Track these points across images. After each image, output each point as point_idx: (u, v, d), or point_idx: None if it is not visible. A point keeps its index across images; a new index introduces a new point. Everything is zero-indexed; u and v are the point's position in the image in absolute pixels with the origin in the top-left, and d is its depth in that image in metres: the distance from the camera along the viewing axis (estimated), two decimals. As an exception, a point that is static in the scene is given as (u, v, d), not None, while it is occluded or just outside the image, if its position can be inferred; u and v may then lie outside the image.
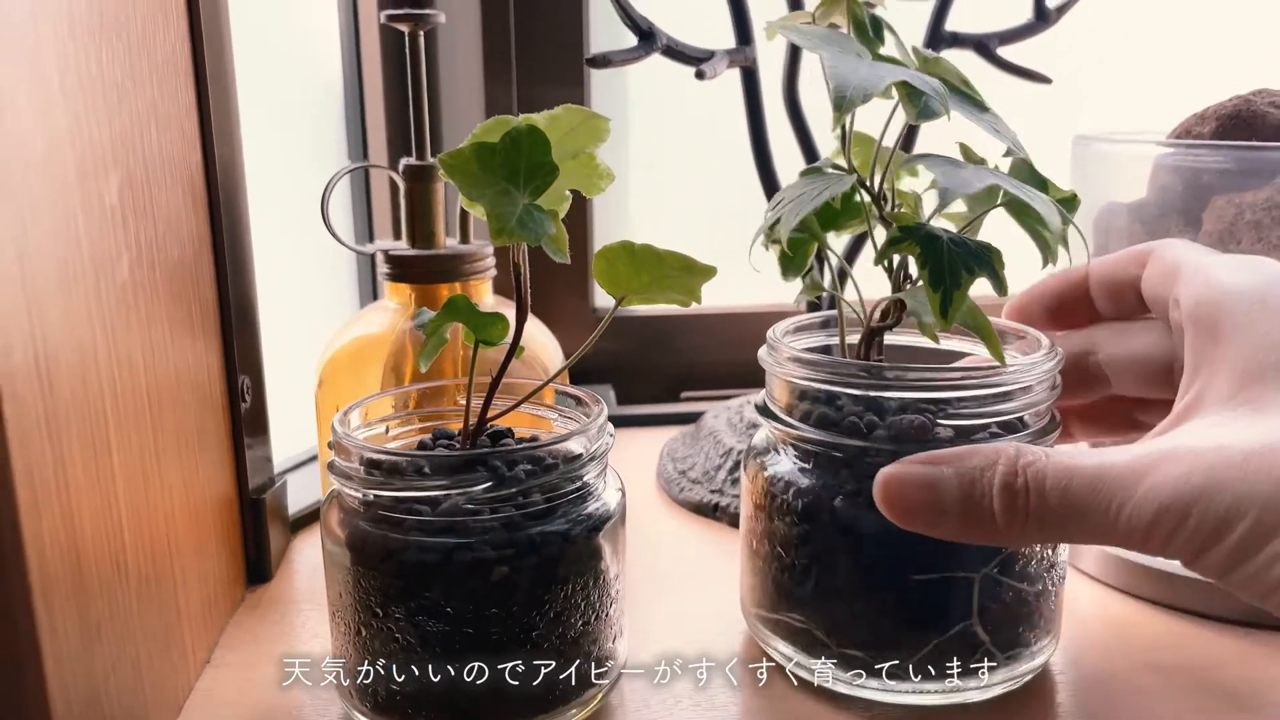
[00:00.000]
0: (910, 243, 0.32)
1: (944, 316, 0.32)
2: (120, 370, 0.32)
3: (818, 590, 0.36)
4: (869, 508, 0.32)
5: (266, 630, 0.42)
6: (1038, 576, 0.35)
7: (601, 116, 0.33)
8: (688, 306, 0.36)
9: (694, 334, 0.74)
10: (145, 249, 0.34)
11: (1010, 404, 0.34)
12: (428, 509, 0.32)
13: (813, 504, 0.35)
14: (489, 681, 0.32)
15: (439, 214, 0.48)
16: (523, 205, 0.32)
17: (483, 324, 0.34)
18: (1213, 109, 0.46)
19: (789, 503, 0.36)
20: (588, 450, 0.35)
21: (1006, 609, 0.35)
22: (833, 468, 0.35)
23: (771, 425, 0.37)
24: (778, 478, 0.36)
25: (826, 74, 0.31)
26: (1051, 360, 0.35)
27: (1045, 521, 0.28)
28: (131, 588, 0.32)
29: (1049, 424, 0.36)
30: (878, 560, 0.35)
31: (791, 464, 0.37)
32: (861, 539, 0.34)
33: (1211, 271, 0.32)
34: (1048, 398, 0.35)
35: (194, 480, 0.39)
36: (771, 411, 0.37)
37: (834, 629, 0.36)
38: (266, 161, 0.54)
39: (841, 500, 0.35)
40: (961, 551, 0.33)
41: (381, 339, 0.48)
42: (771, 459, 0.37)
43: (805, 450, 0.36)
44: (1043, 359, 0.35)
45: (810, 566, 0.36)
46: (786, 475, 0.36)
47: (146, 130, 0.35)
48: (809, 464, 0.36)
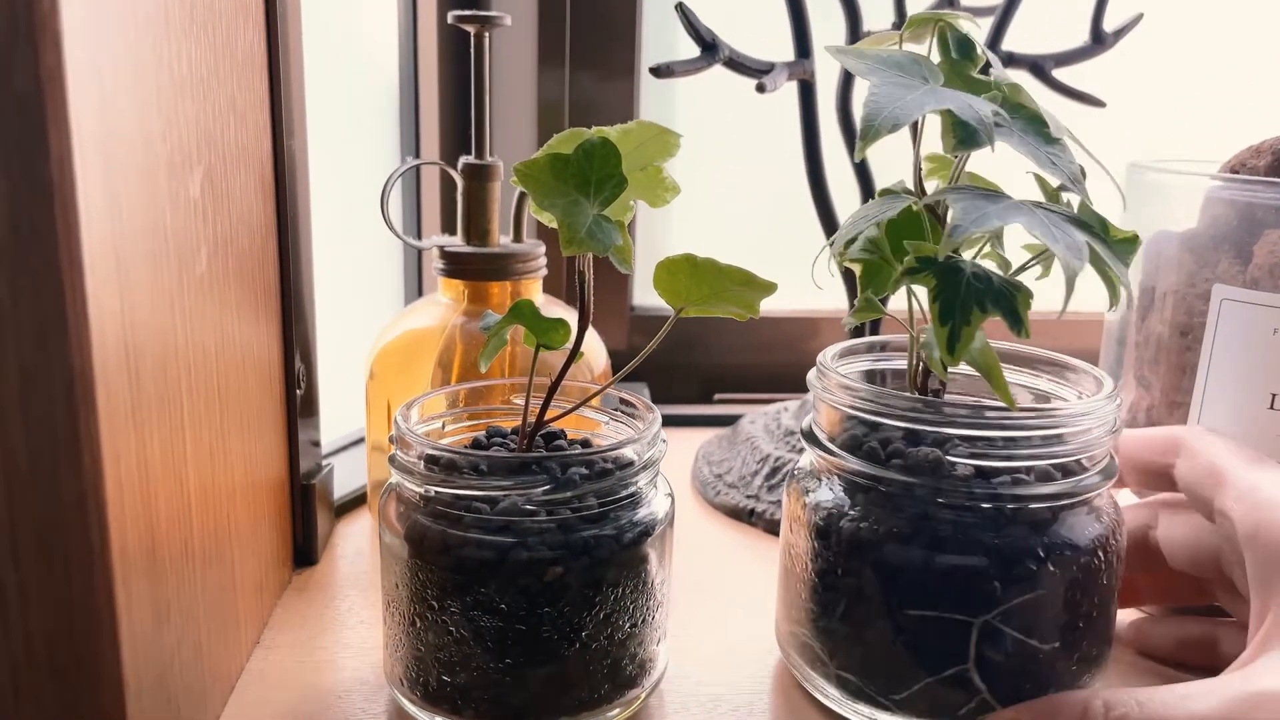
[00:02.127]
0: (927, 274, 0.32)
1: (950, 352, 0.31)
2: (195, 357, 0.33)
3: (827, 609, 0.36)
4: (877, 533, 0.32)
5: (315, 613, 0.43)
6: (1051, 633, 0.34)
7: (673, 132, 0.34)
8: (744, 320, 0.37)
9: (729, 335, 0.75)
10: (220, 240, 0.35)
11: (1065, 446, 0.34)
12: (487, 507, 0.33)
13: (828, 523, 0.36)
14: (538, 678, 0.33)
15: (495, 212, 0.49)
16: (592, 216, 0.33)
17: (546, 329, 0.35)
18: (1269, 143, 0.46)
19: (815, 522, 0.36)
20: (641, 457, 0.35)
21: (1009, 660, 0.34)
22: (860, 493, 0.35)
23: (813, 450, 0.37)
24: (818, 504, 0.37)
25: (865, 100, 0.32)
26: (1113, 403, 0.35)
27: None
28: (196, 568, 0.33)
29: (1108, 466, 0.35)
30: (884, 593, 0.35)
31: (829, 490, 0.37)
32: (876, 570, 0.34)
33: (1264, 492, 0.32)
34: (1105, 441, 0.35)
35: (253, 462, 0.40)
36: (814, 436, 0.37)
37: (835, 651, 0.36)
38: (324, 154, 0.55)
39: (848, 521, 0.35)
40: (966, 594, 0.33)
41: (433, 333, 0.48)
42: (812, 483, 0.38)
43: (841, 476, 0.36)
44: (1103, 402, 0.35)
45: (821, 587, 0.36)
46: (823, 501, 0.36)
47: (226, 124, 0.36)
48: (843, 488, 0.36)
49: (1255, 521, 0.32)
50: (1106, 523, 0.35)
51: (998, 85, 0.33)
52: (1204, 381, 0.44)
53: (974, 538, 0.33)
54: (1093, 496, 0.35)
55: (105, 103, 0.26)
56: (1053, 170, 0.34)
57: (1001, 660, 0.33)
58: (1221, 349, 0.43)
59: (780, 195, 0.58)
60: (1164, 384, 0.47)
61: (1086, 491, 0.34)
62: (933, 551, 0.33)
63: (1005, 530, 0.33)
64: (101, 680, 0.27)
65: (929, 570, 0.33)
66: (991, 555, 0.33)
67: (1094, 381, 0.37)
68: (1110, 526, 0.35)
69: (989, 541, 0.33)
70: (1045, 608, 0.33)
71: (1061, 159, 0.35)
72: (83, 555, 0.26)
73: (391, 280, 0.66)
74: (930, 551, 0.33)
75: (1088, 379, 0.38)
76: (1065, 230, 0.32)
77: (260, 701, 0.37)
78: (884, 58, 0.34)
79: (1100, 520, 0.35)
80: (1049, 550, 0.33)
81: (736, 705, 0.38)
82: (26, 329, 0.25)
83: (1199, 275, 0.45)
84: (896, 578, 0.34)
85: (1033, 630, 0.33)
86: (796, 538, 0.37)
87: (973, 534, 0.33)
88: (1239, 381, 0.43)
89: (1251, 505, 0.32)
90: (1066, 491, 0.34)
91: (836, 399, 0.36)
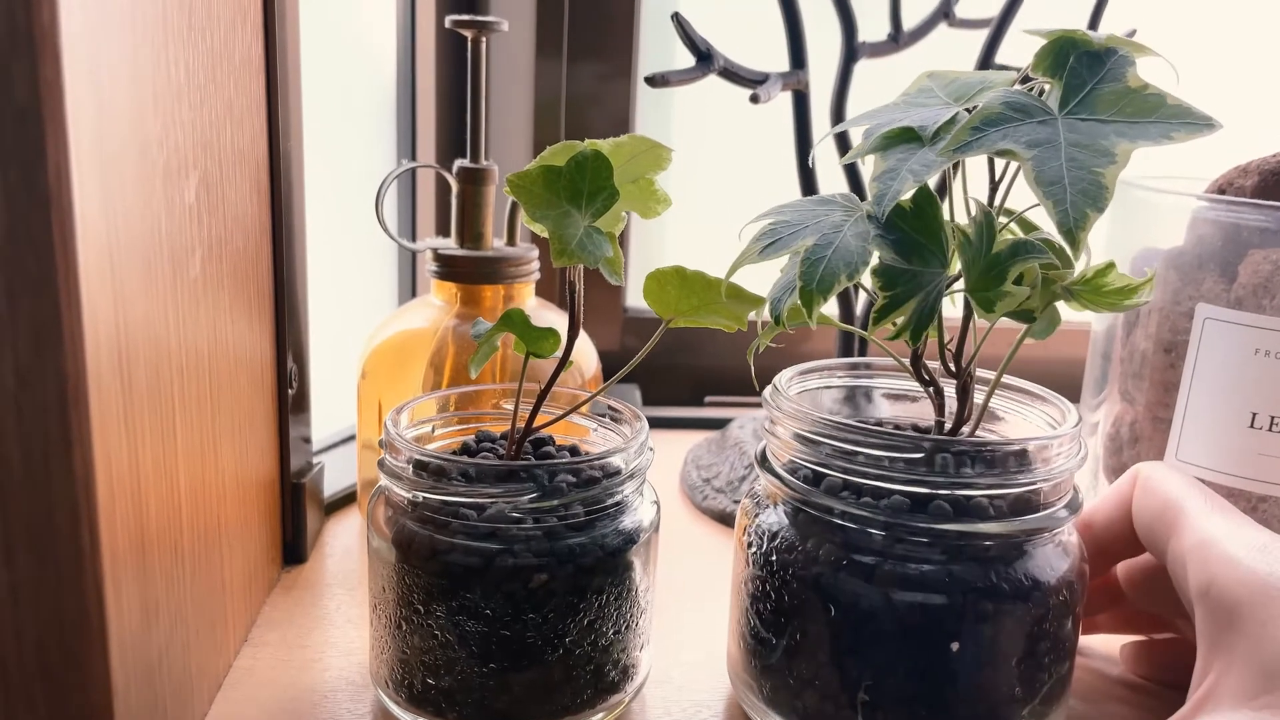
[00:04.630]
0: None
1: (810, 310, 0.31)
2: (188, 359, 0.33)
3: (766, 642, 0.35)
4: (820, 564, 0.32)
5: (302, 612, 0.43)
6: (1009, 673, 0.32)
7: (664, 146, 0.35)
8: (733, 331, 0.38)
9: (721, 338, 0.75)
10: (215, 244, 0.36)
11: (1028, 476, 0.33)
12: (474, 514, 0.34)
13: (769, 550, 0.35)
14: (521, 682, 0.34)
15: (489, 216, 0.49)
16: (584, 228, 0.33)
17: (536, 338, 0.35)
18: (1256, 163, 0.46)
19: (756, 545, 0.36)
20: (628, 466, 0.36)
21: (964, 701, 0.33)
22: (805, 521, 0.35)
23: (761, 473, 0.37)
24: (760, 527, 0.36)
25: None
26: (1078, 434, 0.34)
27: None
28: (186, 568, 0.34)
29: (1072, 500, 0.35)
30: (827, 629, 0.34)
31: (774, 515, 0.36)
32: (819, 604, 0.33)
33: (1219, 548, 0.31)
34: (1070, 471, 0.34)
35: (243, 462, 0.40)
36: (765, 459, 0.37)
37: (774, 686, 0.35)
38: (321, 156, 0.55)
39: (788, 550, 0.34)
40: (918, 631, 0.32)
41: (424, 335, 0.49)
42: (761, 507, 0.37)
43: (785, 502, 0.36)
44: (1069, 431, 0.34)
45: (760, 618, 0.35)
46: (766, 525, 0.36)
47: (222, 128, 0.36)
48: (787, 515, 0.35)
49: (1208, 577, 0.31)
50: (1071, 559, 0.34)
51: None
52: (1186, 398, 0.45)
53: (928, 573, 0.32)
54: (1058, 531, 0.34)
55: (103, 111, 0.26)
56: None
57: (957, 700, 0.33)
58: (1204, 367, 0.44)
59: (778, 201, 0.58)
60: (1148, 399, 0.47)
61: (1051, 526, 0.33)
62: (884, 587, 0.32)
63: (961, 565, 0.32)
64: (90, 680, 0.27)
65: (881, 606, 0.32)
66: (947, 592, 0.32)
67: (1060, 411, 0.37)
68: (1075, 563, 0.34)
69: (943, 577, 0.32)
70: (1004, 647, 0.32)
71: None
72: (74, 556, 0.26)
73: (386, 281, 0.66)
74: (881, 587, 0.32)
75: (1054, 409, 0.37)
76: None
77: (246, 700, 0.37)
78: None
79: (1065, 555, 0.34)
80: (1009, 587, 0.32)
81: (718, 712, 0.38)
82: (22, 333, 0.25)
83: (1184, 293, 0.46)
84: (843, 613, 0.33)
85: (989, 670, 0.33)
86: (739, 563, 0.37)
87: (926, 569, 0.32)
88: (1220, 399, 0.43)
89: (1204, 560, 0.31)
90: (1031, 528, 0.33)
91: (786, 422, 0.35)
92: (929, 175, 0.31)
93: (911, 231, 0.31)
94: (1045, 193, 0.30)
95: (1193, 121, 0.31)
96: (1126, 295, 0.34)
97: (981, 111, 0.32)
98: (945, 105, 0.33)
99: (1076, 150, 0.31)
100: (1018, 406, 0.39)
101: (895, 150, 0.32)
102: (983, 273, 0.32)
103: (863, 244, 0.31)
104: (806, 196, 0.54)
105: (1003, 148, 0.31)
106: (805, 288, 0.30)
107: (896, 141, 0.32)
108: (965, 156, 0.31)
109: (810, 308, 0.30)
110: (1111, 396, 0.51)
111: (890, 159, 0.32)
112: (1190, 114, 0.31)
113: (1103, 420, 0.51)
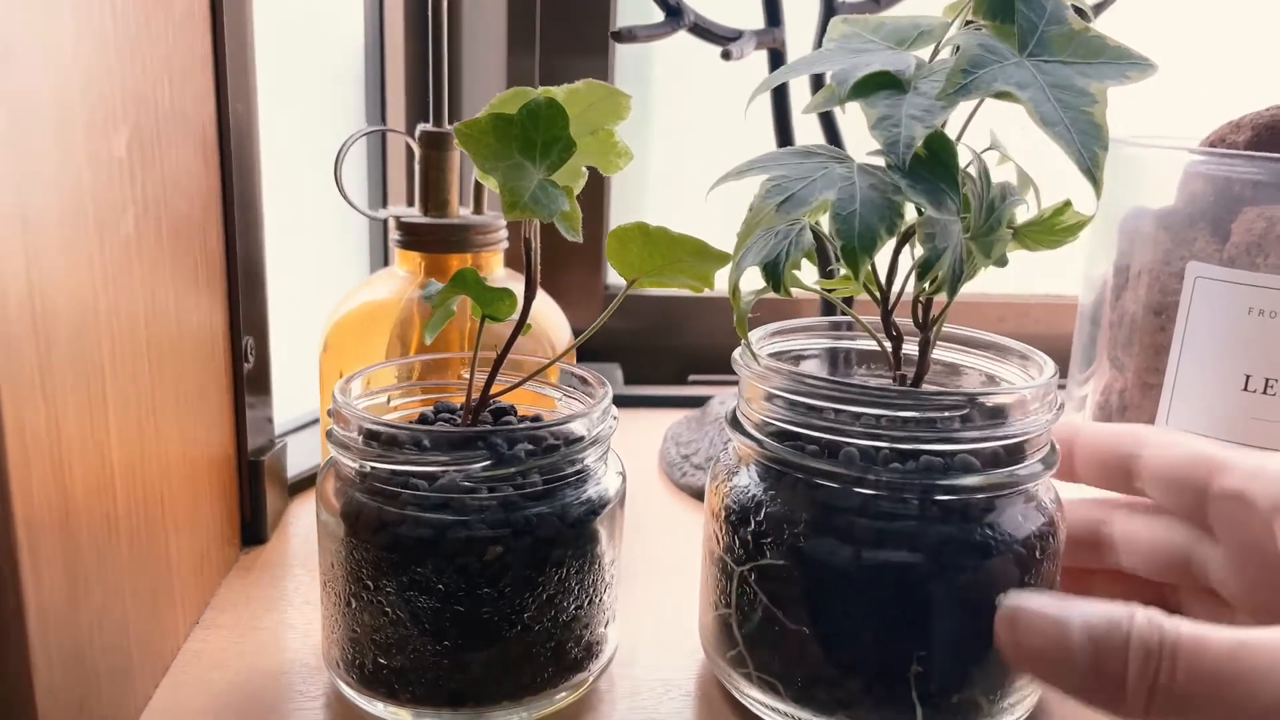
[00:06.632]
0: None
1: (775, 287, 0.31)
2: (121, 325, 0.32)
3: (742, 606, 0.34)
4: (793, 525, 0.31)
5: (260, 593, 0.42)
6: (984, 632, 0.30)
7: (623, 93, 0.33)
8: (699, 292, 0.36)
9: (706, 316, 0.74)
10: (152, 203, 0.34)
11: (1004, 430, 0.32)
12: (424, 484, 0.32)
13: (743, 513, 0.33)
14: (477, 661, 0.32)
15: (454, 182, 0.48)
16: (537, 180, 0.31)
17: (490, 299, 0.33)
18: (1249, 117, 0.45)
19: (729, 509, 0.34)
20: (590, 433, 0.34)
21: (940, 662, 0.31)
22: (778, 482, 0.33)
23: (733, 434, 0.35)
24: (733, 490, 0.34)
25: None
26: (1053, 386, 0.33)
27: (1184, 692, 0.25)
28: (122, 543, 0.32)
29: (1048, 455, 0.33)
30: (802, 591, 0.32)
31: (746, 477, 0.34)
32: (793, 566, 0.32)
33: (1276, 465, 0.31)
34: (1045, 425, 0.33)
35: (191, 437, 0.38)
36: (736, 419, 0.35)
37: (752, 649, 0.34)
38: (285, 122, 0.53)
39: (764, 511, 0.33)
40: (894, 591, 0.31)
41: (389, 306, 0.47)
42: (732, 470, 0.35)
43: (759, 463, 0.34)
44: (1044, 384, 0.33)
45: (735, 583, 0.34)
46: (739, 487, 0.34)
47: (159, 84, 0.34)
48: (758, 475, 0.34)
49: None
50: (1048, 514, 0.33)
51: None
52: (1177, 362, 0.43)
53: (902, 531, 0.31)
54: (1032, 486, 0.33)
55: (8, 55, 0.24)
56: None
57: (932, 662, 0.31)
58: (1195, 328, 0.42)
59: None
60: (1137, 365, 0.46)
61: (1026, 480, 0.32)
62: (856, 546, 0.31)
63: (936, 522, 0.31)
64: (6, 646, 0.26)
65: (853, 567, 0.31)
66: (922, 550, 0.31)
67: (1037, 366, 0.35)
68: (1051, 519, 0.33)
69: (917, 535, 0.31)
70: (979, 605, 0.30)
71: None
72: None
73: (359, 254, 0.65)
74: (853, 546, 0.31)
75: (1031, 364, 0.35)
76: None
77: (195, 682, 0.35)
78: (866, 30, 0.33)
79: (1041, 512, 0.32)
80: (985, 543, 0.31)
81: (689, 690, 0.37)
82: (-80, 287, 0.23)
83: (1174, 253, 0.44)
84: (815, 574, 0.32)
85: (965, 629, 0.31)
86: (713, 528, 0.35)
87: (900, 527, 0.31)
88: (1213, 362, 0.42)
89: (1271, 479, 0.30)
90: (1003, 481, 0.31)
91: (757, 380, 0.34)
92: (937, 120, 0.29)
93: (934, 179, 0.30)
94: (1054, 134, 0.29)
95: (1136, 62, 0.30)
96: (1074, 231, 0.33)
97: (964, 54, 0.30)
98: (891, 50, 0.32)
99: (1058, 91, 0.30)
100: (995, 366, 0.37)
101: (880, 97, 0.30)
102: (985, 219, 0.31)
103: (884, 196, 0.29)
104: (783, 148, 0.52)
105: (999, 89, 0.30)
106: (848, 245, 0.28)
107: (875, 87, 0.31)
108: (964, 100, 0.30)
109: (857, 267, 0.28)
110: (1101, 366, 0.49)
111: (879, 106, 0.30)
112: (1130, 54, 0.30)
113: (1091, 389, 0.50)
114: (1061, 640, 0.26)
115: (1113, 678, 0.25)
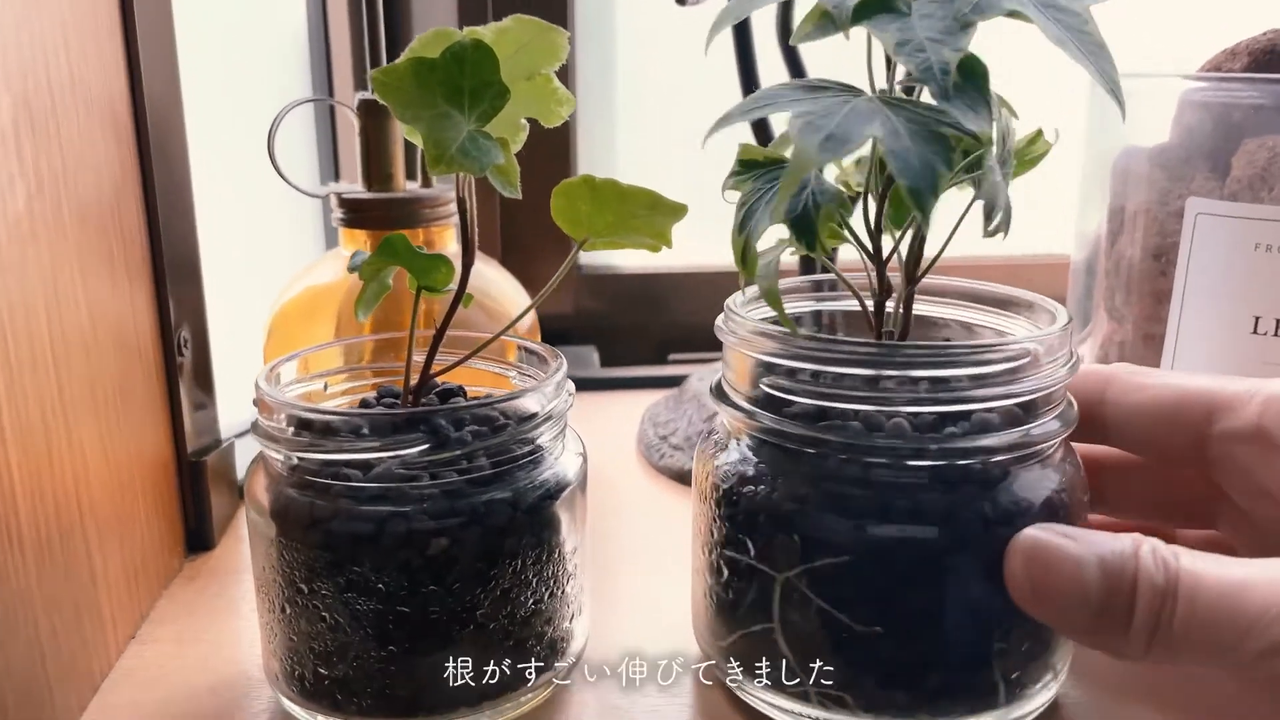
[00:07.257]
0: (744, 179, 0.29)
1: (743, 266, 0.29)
2: (14, 315, 0.29)
3: (733, 590, 0.31)
4: (787, 499, 0.28)
5: (204, 603, 0.38)
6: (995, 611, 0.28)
7: (559, 30, 0.30)
8: (658, 252, 0.33)
9: (684, 294, 0.71)
10: (49, 181, 0.31)
11: (1015, 386, 0.29)
12: (359, 474, 0.29)
13: (733, 489, 0.31)
14: (426, 666, 0.29)
15: (398, 154, 0.44)
16: (466, 131, 0.28)
17: (424, 268, 0.30)
18: (1245, 44, 0.42)
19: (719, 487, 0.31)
20: (543, 409, 0.31)
21: (948, 644, 0.29)
22: (772, 454, 0.30)
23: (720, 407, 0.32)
24: (722, 466, 0.32)
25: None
26: (1068, 334, 0.30)
27: (1180, 633, 0.24)
28: (27, 556, 0.29)
29: (1065, 411, 0.30)
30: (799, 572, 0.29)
31: (737, 452, 0.31)
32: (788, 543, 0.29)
33: None
34: (1062, 379, 0.29)
35: (114, 439, 0.35)
36: (722, 390, 0.32)
37: (805, 662, 0.30)
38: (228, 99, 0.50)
39: (754, 486, 0.30)
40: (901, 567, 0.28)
41: (334, 289, 0.44)
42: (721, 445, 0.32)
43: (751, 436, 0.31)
44: (1058, 333, 0.30)
45: (725, 567, 0.31)
46: (729, 462, 0.31)
47: (54, 52, 0.31)
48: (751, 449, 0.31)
49: None
50: (1067, 477, 0.29)
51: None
52: (1179, 308, 0.40)
53: (908, 501, 0.28)
54: (1048, 447, 0.29)
55: None
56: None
57: (952, 636, 0.29)
58: (1198, 271, 0.39)
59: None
60: (1137, 314, 0.43)
61: (1041, 441, 0.29)
62: (857, 520, 0.28)
63: (944, 491, 0.28)
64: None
65: (853, 542, 0.28)
66: (931, 521, 0.28)
67: (1048, 316, 0.32)
68: (1071, 481, 0.30)
69: (926, 505, 0.28)
70: (991, 580, 0.28)
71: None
72: None
73: (313, 238, 0.61)
74: (854, 520, 0.28)
75: (1042, 314, 0.32)
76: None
77: (126, 703, 0.32)
78: None
79: (1060, 474, 0.29)
80: (997, 513, 0.28)
81: (665, 688, 0.33)
82: None
83: (1172, 192, 0.41)
84: (812, 551, 0.29)
85: (976, 608, 0.28)
86: (702, 509, 0.32)
87: (907, 496, 0.28)
88: (1219, 305, 0.39)
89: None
90: (1017, 442, 0.28)
91: (743, 346, 0.31)
92: (964, 42, 0.26)
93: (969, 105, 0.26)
94: (1070, 54, 0.26)
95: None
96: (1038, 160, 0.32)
97: None
98: None
99: (1053, 11, 0.27)
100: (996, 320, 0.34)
101: (884, 20, 0.27)
102: (1001, 150, 0.29)
103: (927, 129, 0.26)
104: (759, 125, 0.49)
105: (1012, 8, 0.27)
106: (914, 188, 0.25)
107: (875, 10, 0.27)
108: (983, 20, 0.27)
109: (925, 208, 0.25)
110: (1098, 320, 0.46)
111: (890, 30, 0.27)
112: None
113: (1089, 345, 0.47)
114: (1079, 579, 0.25)
115: (1119, 617, 0.24)
